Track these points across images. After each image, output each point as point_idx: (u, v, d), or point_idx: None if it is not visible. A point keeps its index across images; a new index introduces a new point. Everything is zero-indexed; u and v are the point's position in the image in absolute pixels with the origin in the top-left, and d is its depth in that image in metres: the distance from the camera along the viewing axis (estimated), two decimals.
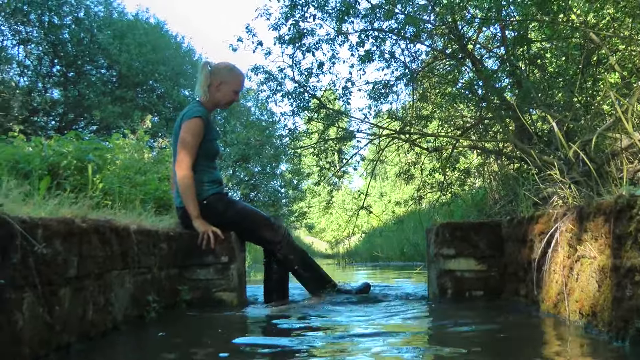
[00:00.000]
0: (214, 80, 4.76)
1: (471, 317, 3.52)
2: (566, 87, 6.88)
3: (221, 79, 4.77)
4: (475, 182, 12.02)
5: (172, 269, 4.25)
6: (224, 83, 4.77)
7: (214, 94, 4.77)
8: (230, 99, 4.83)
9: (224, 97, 4.81)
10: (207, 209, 4.56)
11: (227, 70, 4.83)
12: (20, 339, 2.14)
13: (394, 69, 10.34)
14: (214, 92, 4.77)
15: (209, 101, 4.78)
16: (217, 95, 4.78)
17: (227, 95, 4.81)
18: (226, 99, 4.82)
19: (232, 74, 4.82)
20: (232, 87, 4.81)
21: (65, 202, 3.12)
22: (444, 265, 4.41)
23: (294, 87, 10.36)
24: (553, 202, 3.89)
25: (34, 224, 2.26)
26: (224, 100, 4.82)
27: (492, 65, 9.25)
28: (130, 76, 23.97)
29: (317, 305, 4.50)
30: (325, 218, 47.15)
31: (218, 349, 2.63)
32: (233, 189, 25.57)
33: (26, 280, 2.18)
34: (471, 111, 10.46)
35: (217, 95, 4.78)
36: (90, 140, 7.08)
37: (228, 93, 4.81)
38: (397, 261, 15.13)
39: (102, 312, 2.92)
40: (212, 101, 4.79)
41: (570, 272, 3.01)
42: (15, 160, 5.69)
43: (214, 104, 4.81)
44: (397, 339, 2.81)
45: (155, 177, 7.56)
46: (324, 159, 11.74)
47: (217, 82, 4.76)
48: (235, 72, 4.86)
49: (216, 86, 4.76)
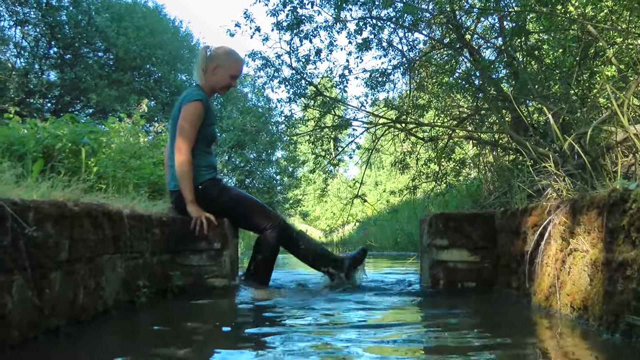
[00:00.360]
0: (210, 63, 4.73)
1: (461, 308, 3.53)
2: (563, 79, 6.87)
3: (217, 63, 4.73)
4: (470, 173, 12.04)
5: (165, 254, 4.24)
6: (220, 67, 4.73)
7: (210, 77, 4.74)
8: (226, 83, 4.78)
9: (220, 81, 4.75)
10: (202, 193, 4.55)
11: (224, 54, 4.79)
12: (9, 321, 2.13)
13: (392, 58, 10.35)
14: (210, 75, 4.74)
15: (205, 85, 4.75)
16: (213, 79, 4.74)
17: (223, 79, 4.75)
18: (222, 83, 4.77)
19: (229, 58, 4.78)
20: (229, 72, 4.75)
21: (58, 185, 3.10)
22: (437, 255, 4.41)
23: (291, 74, 10.36)
24: (547, 195, 3.89)
25: (26, 206, 2.25)
26: (220, 85, 4.77)
27: (490, 56, 9.27)
28: (127, 60, 23.92)
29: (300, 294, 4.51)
30: (320, 206, 47.20)
31: (207, 336, 2.63)
32: (228, 175, 25.58)
33: (16, 263, 2.16)
34: (468, 101, 10.46)
35: (213, 79, 4.74)
36: (85, 123, 7.06)
37: (224, 77, 4.75)
38: (390, 250, 15.15)
39: (92, 296, 2.91)
40: (208, 85, 4.75)
41: (563, 265, 3.01)
42: (10, 142, 5.67)
43: (211, 88, 4.77)
44: (386, 331, 2.81)
45: (150, 161, 7.55)
46: (320, 146, 11.76)
47: (214, 65, 4.73)
48: (233, 56, 4.81)
49: (212, 70, 4.73)
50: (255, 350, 2.34)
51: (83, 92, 23.47)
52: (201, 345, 2.46)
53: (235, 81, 4.84)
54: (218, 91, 4.83)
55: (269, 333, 2.72)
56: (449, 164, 10.89)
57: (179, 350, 2.34)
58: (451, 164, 10.91)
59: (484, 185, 9.80)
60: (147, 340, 2.60)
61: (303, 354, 2.20)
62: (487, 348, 2.29)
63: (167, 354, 2.28)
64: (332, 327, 2.89)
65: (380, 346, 2.39)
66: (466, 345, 2.36)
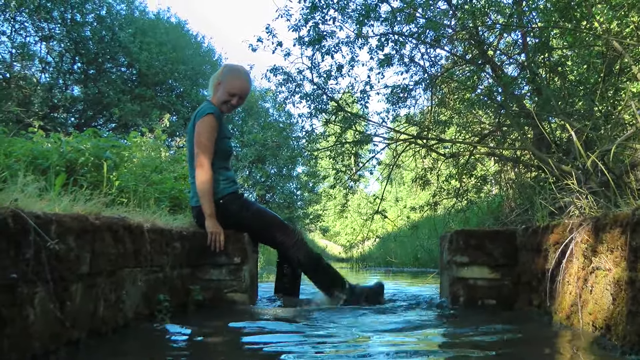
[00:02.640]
0: (215, 79, 4.80)
1: (481, 326, 3.49)
2: (587, 95, 6.82)
3: (220, 79, 4.78)
4: (491, 190, 11.97)
5: (185, 268, 4.25)
6: (222, 83, 4.76)
7: (215, 93, 4.78)
8: (224, 99, 4.74)
9: (221, 97, 4.75)
10: (223, 207, 4.56)
11: (227, 71, 4.82)
12: (31, 333, 2.15)
13: (413, 74, 10.33)
14: (215, 91, 4.78)
15: (214, 99, 4.79)
16: (217, 95, 4.77)
17: (222, 95, 4.74)
18: (222, 98, 4.74)
19: (229, 75, 4.78)
20: (227, 89, 4.72)
21: (80, 199, 3.13)
22: (457, 272, 4.38)
23: (313, 89, 10.37)
24: (569, 212, 3.85)
25: (48, 219, 2.27)
26: (220, 100, 4.76)
27: (512, 72, 9.21)
28: (149, 75, 24.09)
29: (325, 307, 4.50)
30: (340, 222, 47.11)
31: (225, 350, 2.63)
32: (249, 190, 25.61)
33: (38, 276, 2.18)
34: (489, 118, 10.41)
35: (217, 95, 4.77)
36: (108, 137, 7.11)
37: (223, 94, 4.74)
38: (410, 267, 15.09)
39: (113, 309, 2.92)
40: (216, 100, 4.79)
41: (585, 284, 2.98)
42: (34, 155, 5.71)
43: (216, 103, 4.79)
44: (405, 347, 2.79)
45: (171, 176, 7.58)
46: (341, 162, 11.74)
47: (217, 82, 4.79)
48: (234, 74, 4.81)
49: (216, 85, 4.79)
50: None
51: (106, 106, 23.66)
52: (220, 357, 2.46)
53: (235, 99, 4.77)
54: (221, 107, 4.78)
55: (287, 351, 2.71)
56: (470, 180, 10.82)
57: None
58: (472, 181, 10.85)
59: (506, 202, 9.74)
60: (166, 353, 2.60)
61: None
62: None
63: None
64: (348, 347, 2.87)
65: None
66: None
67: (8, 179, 3.09)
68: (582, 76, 7.39)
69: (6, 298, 2.00)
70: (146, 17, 26.10)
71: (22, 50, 22.23)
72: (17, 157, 5.54)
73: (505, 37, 9.28)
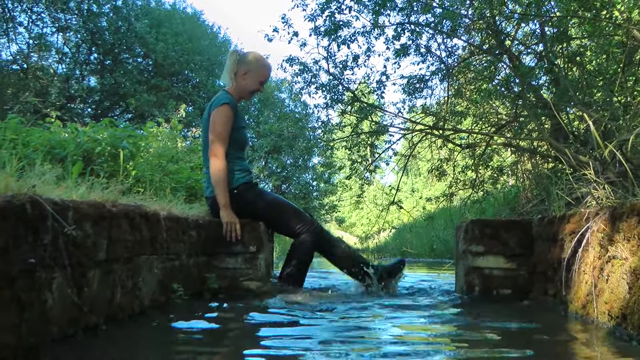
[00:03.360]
0: (240, 68, 4.78)
1: (498, 316, 3.48)
2: (606, 86, 6.76)
3: (248, 68, 4.78)
4: (508, 181, 11.92)
5: (201, 256, 4.27)
6: (251, 72, 4.78)
7: (240, 82, 4.79)
8: (254, 88, 4.83)
9: (250, 86, 4.80)
10: (238, 197, 4.56)
11: (255, 59, 4.84)
12: (49, 317, 2.17)
13: (430, 64, 10.30)
14: (240, 80, 4.79)
15: (234, 89, 4.79)
16: (242, 84, 4.79)
17: (252, 84, 4.81)
18: (251, 88, 4.82)
19: (259, 64, 4.82)
20: (258, 77, 4.81)
21: (97, 187, 3.14)
22: (473, 262, 4.37)
23: (329, 80, 10.37)
24: (586, 202, 3.83)
25: (65, 206, 2.28)
26: (249, 89, 4.82)
27: (530, 62, 9.15)
28: (165, 65, 24.17)
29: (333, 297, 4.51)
30: (356, 212, 47.12)
31: (239, 337, 2.64)
32: (265, 181, 25.66)
33: (56, 261, 2.20)
34: (506, 108, 10.36)
35: (242, 84, 4.79)
36: (124, 128, 7.14)
37: (254, 82, 4.81)
38: (426, 258, 15.06)
39: (129, 296, 2.94)
40: (237, 89, 4.80)
41: (601, 273, 2.96)
42: (51, 145, 5.75)
43: (239, 92, 4.81)
44: (418, 333, 2.80)
45: (187, 166, 7.60)
46: (356, 152, 11.72)
47: (244, 70, 4.78)
48: (263, 62, 4.85)
49: (242, 74, 4.78)
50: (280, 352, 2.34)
51: (122, 97, 23.77)
52: (233, 347, 2.47)
53: (262, 87, 4.90)
54: (246, 96, 4.87)
55: (299, 336, 2.72)
56: (487, 171, 10.79)
57: (213, 350, 2.35)
58: (489, 172, 10.81)
59: (522, 193, 9.69)
60: (181, 340, 2.62)
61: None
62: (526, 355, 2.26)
63: (201, 354, 2.29)
64: (362, 341, 2.88)
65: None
66: (505, 357, 2.33)
67: (26, 167, 3.11)
68: (601, 66, 7.33)
69: (25, 283, 2.02)
70: (162, 7, 26.19)
71: (39, 41, 22.40)
72: (35, 146, 5.57)
73: (523, 27, 9.22)
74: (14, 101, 21.64)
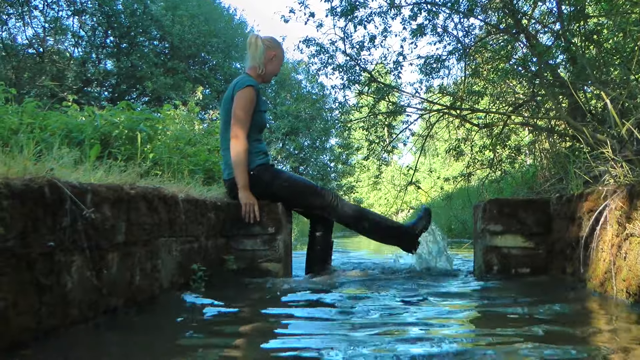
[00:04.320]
0: (269, 53, 4.81)
1: (517, 294, 3.48)
2: (623, 64, 6.69)
3: (274, 52, 4.82)
4: (525, 160, 11.85)
5: (219, 238, 4.29)
6: (277, 57, 4.85)
7: (268, 66, 4.82)
8: (277, 71, 4.96)
9: (275, 70, 4.90)
10: (255, 179, 4.56)
11: (278, 44, 4.91)
12: (69, 300, 2.19)
13: (446, 44, 10.25)
14: (268, 65, 4.82)
15: (260, 73, 4.81)
16: (269, 68, 4.85)
17: (276, 68, 4.91)
18: (276, 71, 4.92)
19: (281, 48, 4.92)
20: (281, 61, 4.93)
21: (115, 170, 3.16)
22: (491, 241, 4.36)
23: (345, 60, 10.35)
24: (604, 181, 3.80)
25: (84, 189, 2.30)
26: (274, 73, 4.91)
27: (547, 41, 9.07)
28: (182, 48, 24.19)
29: (358, 277, 4.53)
30: (374, 193, 47.12)
31: (259, 320, 2.65)
32: (282, 162, 25.69)
33: (75, 244, 2.22)
34: (524, 88, 10.29)
35: (269, 68, 4.85)
36: (141, 111, 7.16)
37: (277, 66, 4.92)
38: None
39: (149, 278, 2.96)
40: (265, 73, 4.83)
41: (619, 251, 2.95)
42: (69, 129, 5.77)
43: (265, 76, 4.84)
44: (442, 315, 2.80)
45: (205, 148, 7.63)
46: (374, 133, 11.71)
47: (272, 54, 4.82)
48: (279, 44, 4.94)
49: (270, 59, 4.83)
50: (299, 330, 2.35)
51: (139, 80, 23.84)
52: (254, 327, 2.48)
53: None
54: (268, 79, 4.92)
55: (317, 317, 2.73)
56: (504, 150, 10.74)
57: (234, 331, 2.37)
58: (506, 151, 10.76)
59: (540, 172, 9.64)
60: (201, 321, 2.63)
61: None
62: (547, 334, 2.26)
63: (222, 334, 2.31)
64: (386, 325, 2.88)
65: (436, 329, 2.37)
66: (527, 334, 2.33)
67: (43, 151, 3.12)
68: (618, 44, 7.24)
69: (44, 266, 2.03)
70: None
71: (55, 24, 22.46)
72: (52, 130, 5.60)
73: (540, 6, 9.15)
74: (31, 85, 21.76)
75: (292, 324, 2.63)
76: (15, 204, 1.88)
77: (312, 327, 2.50)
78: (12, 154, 2.28)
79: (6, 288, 1.82)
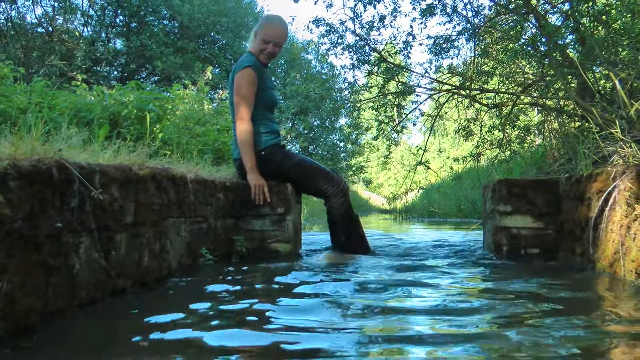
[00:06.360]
0: (254, 32, 4.76)
1: (527, 274, 3.47)
2: (631, 44, 6.64)
3: (256, 29, 4.75)
4: (535, 140, 11.81)
5: (228, 219, 4.29)
6: (257, 32, 4.72)
7: (254, 45, 4.75)
8: (261, 47, 4.69)
9: (257, 47, 4.71)
10: (265, 159, 4.55)
11: (261, 20, 4.82)
12: (77, 281, 2.19)
13: (456, 24, 10.19)
14: (254, 43, 4.75)
15: (252, 51, 4.77)
16: (254, 46, 4.75)
17: (258, 44, 4.71)
18: (258, 47, 4.71)
19: (262, 23, 4.76)
20: (261, 36, 4.68)
21: (124, 150, 3.15)
22: (500, 221, 4.35)
23: (355, 40, 10.31)
24: (613, 161, 3.78)
25: (92, 170, 2.29)
26: (257, 50, 4.72)
27: (556, 21, 9.00)
28: (192, 27, 24.11)
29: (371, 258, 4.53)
30: (383, 173, 47.08)
31: (268, 300, 2.65)
32: (292, 142, 25.66)
33: (83, 225, 2.21)
34: (533, 68, 10.23)
35: (254, 46, 4.75)
36: (151, 90, 7.16)
37: (259, 42, 4.69)
38: (454, 218, 15.04)
39: (157, 259, 2.96)
40: (254, 52, 4.77)
41: (628, 231, 2.94)
42: (77, 109, 5.78)
43: (257, 55, 4.77)
44: (450, 295, 2.79)
45: (214, 128, 7.62)
46: (383, 113, 11.68)
47: (254, 33, 4.76)
48: (267, 22, 4.76)
49: (254, 37, 4.76)
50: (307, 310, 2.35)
51: (148, 59, 23.79)
52: (262, 308, 2.48)
53: (270, 46, 4.70)
54: (260, 57, 4.74)
55: (327, 294, 2.72)
56: (514, 131, 10.70)
57: (243, 310, 2.37)
58: (515, 131, 10.72)
59: (549, 152, 9.60)
60: (210, 302, 2.63)
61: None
62: (557, 313, 2.25)
63: (230, 315, 2.31)
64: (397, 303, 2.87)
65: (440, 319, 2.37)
66: (537, 312, 2.32)
67: (52, 131, 3.12)
68: (626, 25, 7.18)
69: (52, 247, 2.03)
70: None
71: (65, 3, 22.40)
72: (61, 110, 5.61)
73: None
74: (40, 64, 21.74)
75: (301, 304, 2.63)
76: (23, 185, 1.87)
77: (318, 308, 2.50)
78: (20, 134, 2.28)
79: (13, 269, 1.81)
